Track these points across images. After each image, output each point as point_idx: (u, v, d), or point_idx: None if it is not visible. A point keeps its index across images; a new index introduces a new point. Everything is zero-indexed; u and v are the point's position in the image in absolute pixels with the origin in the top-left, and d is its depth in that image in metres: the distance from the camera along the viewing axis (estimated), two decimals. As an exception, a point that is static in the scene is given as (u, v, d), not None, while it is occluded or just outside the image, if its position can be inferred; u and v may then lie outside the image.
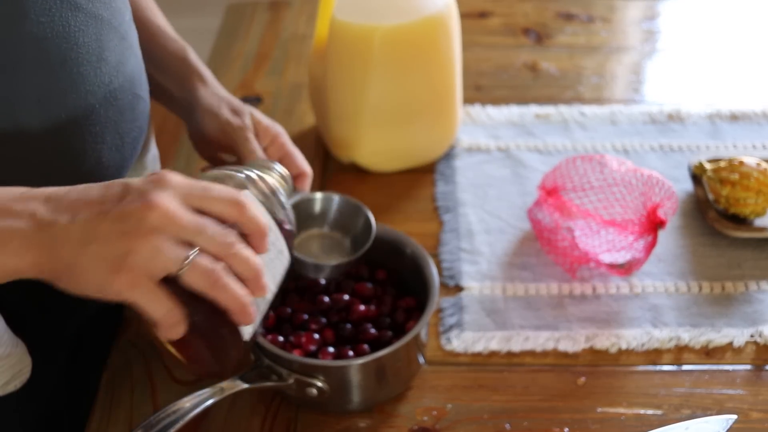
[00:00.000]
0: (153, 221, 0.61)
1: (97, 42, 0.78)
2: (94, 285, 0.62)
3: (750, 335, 0.94)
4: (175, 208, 0.62)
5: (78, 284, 0.63)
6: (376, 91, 1.10)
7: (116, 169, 0.84)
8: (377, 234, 0.96)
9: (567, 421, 0.86)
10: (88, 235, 0.62)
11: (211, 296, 0.64)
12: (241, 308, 0.65)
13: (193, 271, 0.62)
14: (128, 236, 0.61)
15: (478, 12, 1.50)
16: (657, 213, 0.96)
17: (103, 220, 0.62)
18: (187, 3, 2.33)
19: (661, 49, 1.42)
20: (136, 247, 0.61)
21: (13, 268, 0.63)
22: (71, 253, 0.62)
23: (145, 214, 0.61)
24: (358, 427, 0.87)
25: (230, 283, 0.64)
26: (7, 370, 0.77)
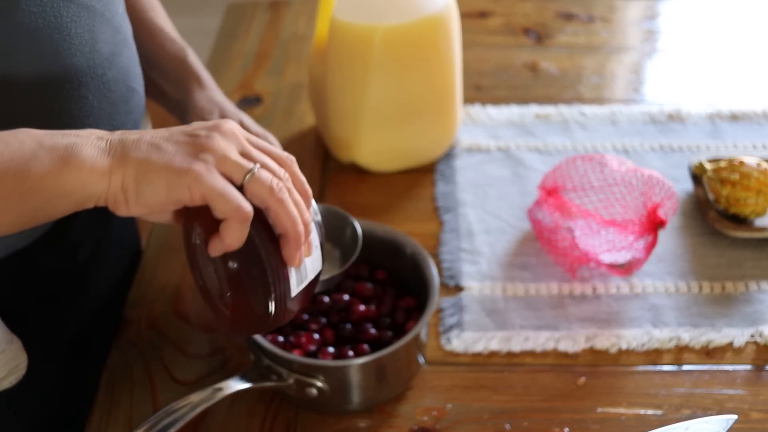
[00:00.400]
0: (222, 133, 0.65)
1: (89, 33, 0.78)
2: (164, 182, 0.63)
3: (750, 335, 0.94)
4: (240, 132, 0.66)
5: (146, 187, 0.63)
6: (376, 91, 1.10)
7: None
8: (377, 234, 0.96)
9: (567, 421, 0.86)
10: (159, 143, 0.64)
11: (272, 208, 0.65)
12: (296, 227, 0.66)
13: (257, 181, 0.64)
14: (199, 142, 0.64)
15: (478, 12, 1.50)
16: (657, 213, 0.95)
17: (172, 135, 0.65)
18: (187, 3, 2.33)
19: (661, 49, 1.42)
20: (207, 149, 0.64)
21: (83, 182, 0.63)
22: (143, 155, 0.63)
23: (213, 131, 0.65)
24: (358, 427, 0.87)
25: (289, 199, 0.66)
26: (2, 366, 0.77)
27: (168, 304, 0.99)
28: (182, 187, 0.62)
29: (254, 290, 0.68)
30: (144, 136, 0.65)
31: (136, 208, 0.64)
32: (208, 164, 0.63)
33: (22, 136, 0.63)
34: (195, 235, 0.68)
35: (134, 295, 1.01)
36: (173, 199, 0.63)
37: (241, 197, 0.64)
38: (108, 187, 0.63)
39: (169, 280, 1.02)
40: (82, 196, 0.63)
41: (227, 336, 0.95)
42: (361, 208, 1.07)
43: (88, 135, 0.64)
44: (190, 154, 0.64)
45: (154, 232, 1.09)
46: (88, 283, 0.95)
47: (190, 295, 1.01)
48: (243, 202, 0.63)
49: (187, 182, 0.62)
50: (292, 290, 0.69)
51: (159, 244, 1.07)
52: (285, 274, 0.68)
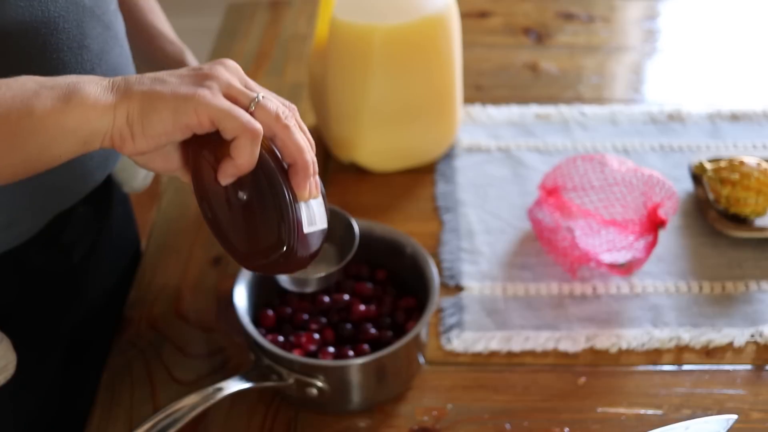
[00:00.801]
0: (225, 66, 0.66)
1: (78, 29, 0.77)
2: (171, 108, 0.62)
3: (750, 335, 0.94)
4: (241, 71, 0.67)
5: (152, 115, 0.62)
6: (376, 91, 1.10)
7: (101, 160, 0.84)
8: (377, 234, 0.96)
9: (567, 421, 0.86)
10: (162, 77, 0.64)
11: (279, 134, 0.65)
12: (304, 154, 0.66)
13: (263, 107, 0.65)
14: (202, 72, 0.64)
15: (479, 12, 1.50)
16: (657, 213, 0.95)
17: (175, 71, 0.65)
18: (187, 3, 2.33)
19: (661, 49, 1.42)
20: (211, 77, 0.64)
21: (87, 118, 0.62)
22: (147, 87, 0.63)
23: (215, 66, 0.65)
24: (358, 427, 0.87)
25: (296, 126, 0.66)
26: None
27: (168, 304, 0.99)
28: (189, 111, 0.62)
29: (267, 217, 0.67)
30: (146, 74, 0.65)
31: (143, 142, 0.63)
32: (213, 89, 0.63)
33: (24, 79, 0.63)
34: (204, 165, 0.67)
35: (134, 295, 1.01)
36: (180, 124, 0.63)
37: (248, 115, 0.64)
38: (113, 123, 0.63)
39: (169, 280, 1.02)
40: (87, 133, 0.63)
41: (227, 336, 0.95)
42: (361, 208, 1.07)
43: (89, 77, 0.64)
44: (195, 82, 0.64)
45: (154, 233, 1.09)
46: (84, 284, 0.95)
47: (190, 295, 1.01)
48: (252, 119, 0.63)
49: (193, 105, 0.62)
50: (303, 224, 0.68)
51: (159, 244, 1.07)
52: (297, 204, 0.67)
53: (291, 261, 0.68)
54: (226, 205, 0.68)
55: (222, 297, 0.99)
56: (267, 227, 0.67)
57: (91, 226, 0.94)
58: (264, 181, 0.66)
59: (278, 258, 0.68)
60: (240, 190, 0.67)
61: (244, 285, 0.90)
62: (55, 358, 0.92)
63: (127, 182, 0.99)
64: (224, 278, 1.01)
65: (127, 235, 1.07)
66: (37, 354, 0.84)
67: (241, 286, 0.89)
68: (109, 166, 0.87)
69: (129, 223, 1.08)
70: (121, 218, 1.04)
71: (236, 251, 0.70)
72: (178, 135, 0.63)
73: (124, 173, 0.97)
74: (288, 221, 0.66)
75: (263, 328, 0.91)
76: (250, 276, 0.91)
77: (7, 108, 0.61)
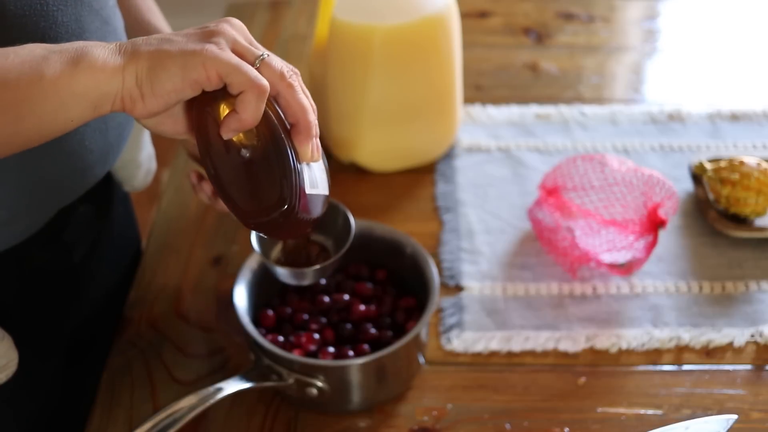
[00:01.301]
0: (231, 24, 0.66)
1: (76, 22, 0.78)
2: (179, 64, 0.63)
3: (750, 335, 0.94)
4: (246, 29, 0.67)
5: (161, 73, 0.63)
6: (376, 91, 1.10)
7: (101, 154, 0.84)
8: (377, 234, 0.96)
9: (567, 421, 0.86)
10: (169, 37, 0.65)
11: (283, 93, 0.66)
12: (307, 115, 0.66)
13: (268, 65, 0.65)
14: (209, 30, 0.65)
15: (478, 12, 1.50)
16: (658, 213, 0.95)
17: (181, 31, 0.66)
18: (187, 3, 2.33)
19: (661, 49, 1.42)
20: (218, 34, 0.65)
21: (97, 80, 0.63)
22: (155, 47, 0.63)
23: (222, 21, 0.66)
24: (358, 427, 0.87)
25: (300, 86, 0.67)
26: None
27: (168, 304, 0.99)
28: (197, 66, 0.62)
29: (270, 174, 0.67)
30: (153, 36, 0.65)
31: (153, 101, 0.64)
32: (220, 44, 0.64)
33: (31, 45, 0.64)
34: (209, 121, 0.67)
35: (134, 295, 1.01)
36: (189, 80, 0.63)
37: (256, 72, 0.64)
38: (122, 84, 0.63)
39: (169, 280, 1.02)
40: (97, 96, 0.63)
41: (227, 336, 0.95)
42: (361, 208, 1.07)
43: (96, 42, 0.65)
44: (202, 38, 0.64)
45: (154, 233, 1.09)
46: (85, 283, 0.95)
47: (190, 295, 1.01)
48: (259, 75, 0.64)
49: (201, 60, 0.62)
50: (305, 185, 0.68)
51: (159, 244, 1.07)
52: (299, 163, 0.68)
53: (291, 221, 0.69)
54: (230, 162, 0.68)
55: (222, 297, 0.99)
56: (269, 184, 0.68)
57: (92, 225, 0.95)
58: (267, 138, 0.67)
59: (279, 217, 0.68)
60: (243, 148, 0.67)
61: (244, 285, 0.90)
62: (56, 358, 0.92)
63: (127, 181, 0.99)
64: (224, 278, 1.01)
65: (127, 235, 1.07)
66: (37, 353, 0.84)
67: (241, 286, 0.89)
68: (110, 161, 0.87)
69: (129, 222, 1.08)
70: (122, 217, 1.04)
71: (238, 208, 0.70)
72: (188, 91, 0.64)
73: (125, 171, 0.97)
74: (290, 179, 0.67)
75: (263, 328, 0.91)
76: (250, 276, 0.91)
77: (16, 74, 0.62)
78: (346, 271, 0.96)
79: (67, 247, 0.90)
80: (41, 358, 0.86)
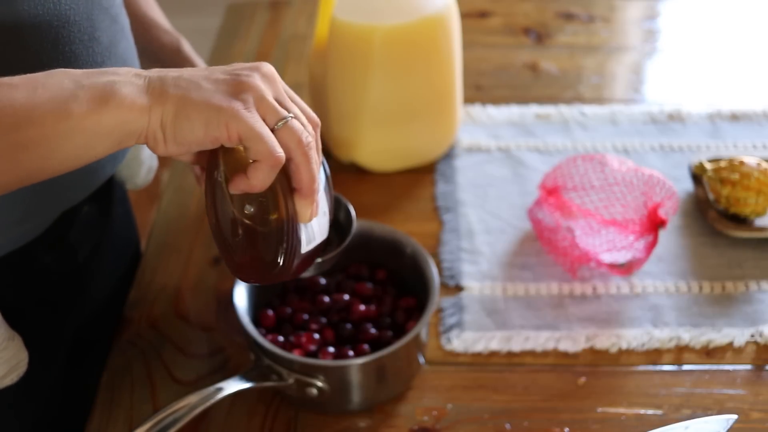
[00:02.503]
0: (262, 75, 0.66)
1: (88, 21, 0.78)
2: (203, 119, 0.63)
3: (750, 335, 0.94)
4: (278, 77, 0.68)
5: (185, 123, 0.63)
6: (376, 91, 1.10)
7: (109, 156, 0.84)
8: (377, 234, 0.96)
9: (567, 421, 0.86)
10: (199, 80, 0.65)
11: (296, 160, 0.66)
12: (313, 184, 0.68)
13: (290, 130, 0.66)
14: (239, 80, 0.65)
15: (478, 12, 1.50)
16: (658, 212, 0.95)
17: (213, 72, 0.66)
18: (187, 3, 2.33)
19: (661, 49, 1.42)
20: (248, 87, 0.64)
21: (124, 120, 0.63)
22: (183, 91, 0.63)
23: (254, 69, 0.66)
24: (358, 427, 0.87)
25: (315, 156, 0.68)
26: (3, 363, 0.77)
27: (168, 304, 0.99)
28: (221, 125, 0.63)
29: (267, 238, 0.69)
30: (183, 73, 0.65)
31: (174, 147, 0.64)
32: (247, 104, 0.64)
33: (59, 76, 0.63)
34: (219, 171, 0.68)
35: (134, 295, 1.01)
36: (211, 137, 0.63)
37: (276, 142, 0.64)
38: (148, 125, 0.63)
39: (169, 280, 1.02)
40: (122, 134, 0.63)
41: (227, 336, 0.95)
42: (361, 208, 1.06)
43: (126, 73, 0.64)
44: (230, 92, 0.64)
45: (154, 233, 1.09)
46: (87, 284, 0.95)
47: (190, 295, 1.01)
48: (278, 148, 0.64)
49: (225, 119, 0.63)
50: (302, 246, 0.70)
51: (159, 244, 1.07)
52: (297, 227, 0.69)
53: (284, 276, 0.71)
54: (231, 216, 0.69)
55: (222, 297, 0.99)
56: (266, 244, 0.69)
57: (95, 226, 0.95)
58: (270, 203, 0.68)
59: (273, 275, 0.71)
60: (249, 203, 0.68)
61: (244, 285, 0.90)
62: (58, 359, 0.92)
63: (129, 179, 0.99)
64: (224, 278, 1.01)
65: (126, 235, 1.07)
66: (40, 355, 0.84)
67: (241, 286, 0.89)
68: (118, 160, 0.87)
69: (129, 222, 1.08)
70: (121, 218, 1.04)
71: (232, 260, 0.72)
72: (208, 145, 0.65)
73: (127, 170, 0.97)
74: (287, 245, 0.69)
75: (263, 328, 0.91)
76: (250, 276, 0.91)
77: (43, 111, 0.62)
78: (346, 271, 0.96)
79: (71, 248, 0.90)
80: (43, 360, 0.86)
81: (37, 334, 0.86)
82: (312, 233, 0.72)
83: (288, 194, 0.68)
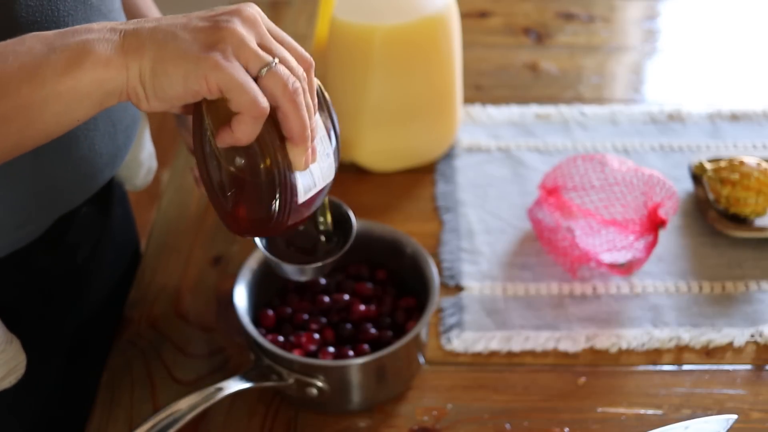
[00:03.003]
0: (243, 19, 0.62)
1: None
2: (181, 73, 0.61)
3: (750, 335, 0.94)
4: (262, 18, 0.64)
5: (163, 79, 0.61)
6: (376, 91, 1.10)
7: (110, 158, 0.84)
8: (377, 234, 0.96)
9: (567, 421, 0.86)
10: (176, 29, 0.61)
11: (283, 108, 0.63)
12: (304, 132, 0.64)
13: (274, 76, 0.62)
14: (219, 26, 0.61)
15: (478, 12, 1.50)
16: (658, 212, 0.95)
17: (191, 20, 0.62)
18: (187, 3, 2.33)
19: (661, 49, 1.42)
20: (227, 34, 0.61)
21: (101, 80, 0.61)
22: (159, 44, 0.61)
23: (233, 14, 0.62)
24: (358, 427, 0.87)
25: (303, 102, 0.64)
26: (2, 366, 0.77)
27: (168, 304, 0.99)
28: (199, 77, 0.60)
29: (260, 188, 0.67)
30: (160, 22, 0.63)
31: (156, 103, 0.62)
32: (226, 53, 0.61)
33: (31, 41, 0.61)
34: (204, 125, 0.66)
35: (134, 295, 1.01)
36: (191, 90, 0.61)
37: (259, 92, 0.61)
38: (126, 82, 0.61)
39: (169, 280, 1.02)
40: (102, 94, 0.62)
41: (227, 336, 0.95)
42: (361, 208, 1.06)
43: (100, 28, 0.62)
44: (208, 42, 0.61)
45: (154, 233, 1.09)
46: (87, 284, 0.95)
47: (190, 295, 1.01)
48: (261, 98, 0.61)
49: (203, 71, 0.60)
50: (299, 195, 0.68)
51: (159, 244, 1.07)
52: (292, 177, 0.67)
53: (281, 228, 0.68)
54: (220, 168, 0.67)
55: (222, 297, 0.99)
56: (259, 199, 0.67)
57: (94, 227, 0.95)
58: (260, 155, 0.65)
59: (267, 229, 0.68)
60: (238, 155, 0.66)
61: (244, 285, 0.90)
62: (59, 359, 0.93)
63: (128, 180, 0.99)
64: (224, 278, 1.01)
65: (126, 235, 1.07)
66: (40, 356, 0.84)
67: (241, 286, 0.89)
68: (117, 163, 0.87)
69: (128, 222, 1.08)
70: (121, 218, 1.04)
71: (227, 214, 0.69)
72: (190, 99, 0.63)
73: (126, 171, 0.97)
74: (281, 197, 0.66)
75: (263, 328, 0.91)
76: (250, 276, 0.91)
77: (17, 80, 0.60)
78: (346, 271, 0.96)
79: (70, 248, 0.90)
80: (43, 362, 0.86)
81: (37, 334, 0.86)
82: (311, 180, 0.69)
83: (279, 143, 0.65)
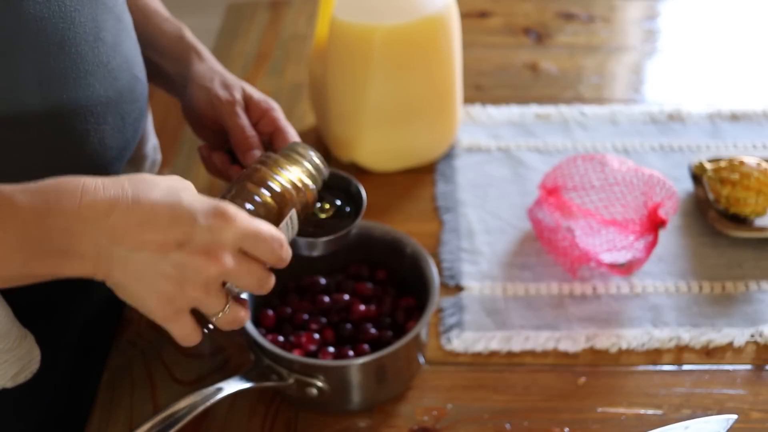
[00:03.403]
0: (209, 276, 0.68)
1: (93, 22, 0.78)
2: (139, 304, 0.69)
3: (750, 335, 0.94)
4: (230, 265, 0.68)
5: (123, 294, 0.69)
6: (376, 91, 1.10)
7: (119, 151, 0.84)
8: (377, 234, 0.96)
9: (567, 421, 0.86)
10: (145, 272, 0.67)
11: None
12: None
13: (226, 318, 0.71)
14: (183, 284, 0.67)
15: (478, 12, 1.50)
16: (658, 212, 0.95)
17: (163, 260, 0.67)
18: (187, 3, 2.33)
19: (661, 49, 1.42)
20: (187, 294, 0.68)
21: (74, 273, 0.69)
22: (127, 280, 0.67)
23: (204, 269, 0.67)
24: (358, 427, 0.87)
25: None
26: (16, 362, 0.77)
27: (168, 304, 0.99)
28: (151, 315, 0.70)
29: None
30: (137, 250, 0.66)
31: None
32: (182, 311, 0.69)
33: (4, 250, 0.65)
34: None
35: (134, 295, 1.00)
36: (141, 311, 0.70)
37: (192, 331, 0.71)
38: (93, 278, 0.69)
39: (169, 280, 1.02)
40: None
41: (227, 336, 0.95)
42: (361, 208, 1.07)
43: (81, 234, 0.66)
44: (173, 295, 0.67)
45: (154, 232, 1.09)
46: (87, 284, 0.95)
47: (190, 295, 1.00)
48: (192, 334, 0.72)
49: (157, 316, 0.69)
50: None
51: (159, 244, 1.07)
52: None
53: None
54: None
55: (222, 297, 0.99)
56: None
57: None
58: None
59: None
60: None
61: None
62: (62, 359, 0.92)
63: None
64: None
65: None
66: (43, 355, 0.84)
67: (241, 286, 0.89)
68: (125, 157, 0.87)
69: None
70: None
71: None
72: None
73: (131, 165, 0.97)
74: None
75: (263, 328, 0.91)
76: (250, 276, 0.91)
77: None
78: (346, 271, 0.97)
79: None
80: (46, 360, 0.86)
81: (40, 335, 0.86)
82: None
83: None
